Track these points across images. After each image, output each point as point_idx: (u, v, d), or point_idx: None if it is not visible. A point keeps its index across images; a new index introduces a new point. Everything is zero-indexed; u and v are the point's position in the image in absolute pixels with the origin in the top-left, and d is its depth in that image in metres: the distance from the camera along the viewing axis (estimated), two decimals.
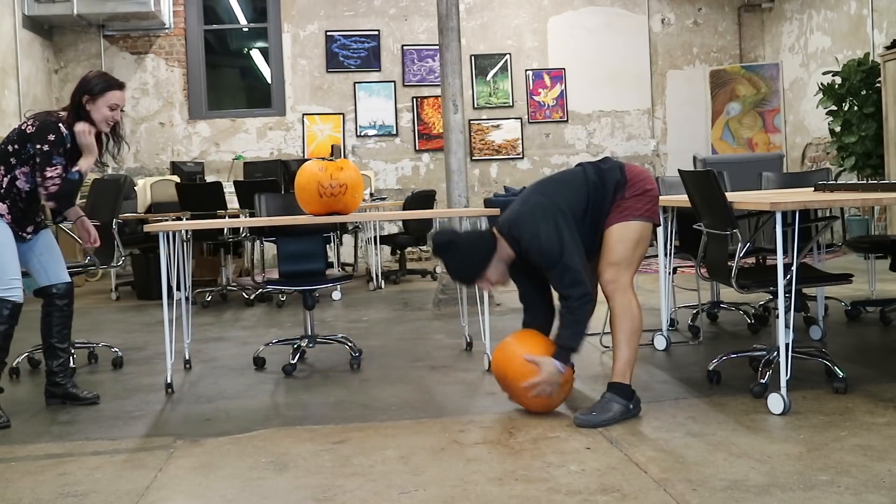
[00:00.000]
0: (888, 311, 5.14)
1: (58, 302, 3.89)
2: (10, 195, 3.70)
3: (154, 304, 7.15)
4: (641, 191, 3.44)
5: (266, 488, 2.74)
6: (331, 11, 10.90)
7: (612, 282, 3.37)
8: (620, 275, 3.37)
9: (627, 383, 3.35)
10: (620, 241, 3.39)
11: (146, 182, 8.29)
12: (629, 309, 3.36)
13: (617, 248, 3.39)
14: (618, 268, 3.38)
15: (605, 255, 3.41)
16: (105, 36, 10.61)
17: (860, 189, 4.00)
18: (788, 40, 10.92)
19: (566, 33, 11.21)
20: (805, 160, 10.58)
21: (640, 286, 6.55)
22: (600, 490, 2.60)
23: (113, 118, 3.79)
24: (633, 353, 3.36)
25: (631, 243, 3.40)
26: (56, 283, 3.89)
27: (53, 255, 3.94)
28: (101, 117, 3.74)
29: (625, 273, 3.38)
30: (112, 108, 3.75)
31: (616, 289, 3.36)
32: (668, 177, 6.09)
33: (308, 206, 4.38)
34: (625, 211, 3.41)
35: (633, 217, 3.40)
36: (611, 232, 3.42)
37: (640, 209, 3.42)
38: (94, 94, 3.71)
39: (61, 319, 3.91)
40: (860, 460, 2.75)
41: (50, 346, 3.91)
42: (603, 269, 3.41)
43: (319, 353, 4.84)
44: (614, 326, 3.38)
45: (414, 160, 11.06)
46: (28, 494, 2.76)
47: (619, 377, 3.35)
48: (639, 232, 3.41)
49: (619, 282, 3.37)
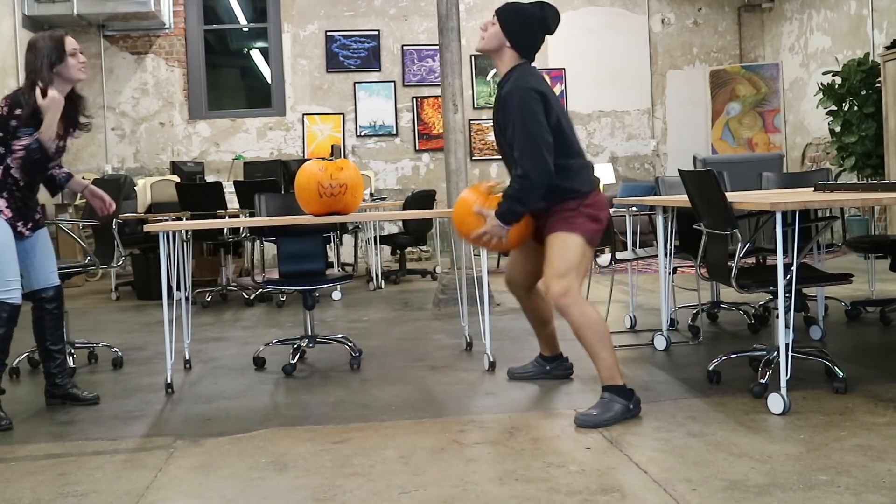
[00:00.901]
0: (888, 311, 5.14)
1: (47, 306, 3.86)
2: (7, 185, 3.64)
3: (154, 304, 7.16)
4: (595, 216, 3.45)
5: (266, 488, 2.74)
6: (331, 11, 10.91)
7: (561, 295, 3.35)
8: (568, 286, 3.36)
9: (622, 383, 3.35)
10: (567, 250, 3.39)
11: (146, 182, 8.28)
12: (587, 318, 3.34)
13: (564, 255, 3.38)
14: (565, 279, 3.36)
15: (552, 263, 3.40)
16: (105, 36, 10.61)
17: (860, 189, 4.00)
18: (788, 40, 10.92)
19: (566, 33, 11.16)
20: (805, 160, 10.58)
21: (639, 286, 6.58)
22: (600, 490, 2.60)
23: (85, 63, 3.76)
24: (611, 356, 3.36)
25: (576, 256, 3.40)
26: (45, 288, 3.85)
27: (47, 257, 3.89)
28: (75, 69, 3.71)
29: (572, 283, 3.37)
30: (73, 54, 3.71)
31: (569, 303, 3.35)
32: (668, 177, 6.09)
33: (308, 206, 4.38)
34: (574, 224, 3.41)
35: (580, 233, 3.41)
36: (556, 238, 3.41)
37: (588, 230, 3.43)
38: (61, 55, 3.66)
39: (52, 322, 3.88)
40: (860, 460, 2.75)
41: (45, 348, 3.90)
42: (550, 281, 3.40)
43: (319, 353, 4.85)
44: (581, 339, 3.37)
45: (414, 160, 11.06)
46: (28, 494, 2.76)
47: (610, 381, 3.35)
48: (583, 247, 3.42)
49: (568, 293, 3.35)
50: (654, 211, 4.69)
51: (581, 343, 3.39)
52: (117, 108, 10.70)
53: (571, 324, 3.38)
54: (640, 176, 11.31)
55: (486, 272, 4.46)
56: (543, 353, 4.05)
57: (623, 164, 11.37)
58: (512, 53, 3.51)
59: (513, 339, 5.03)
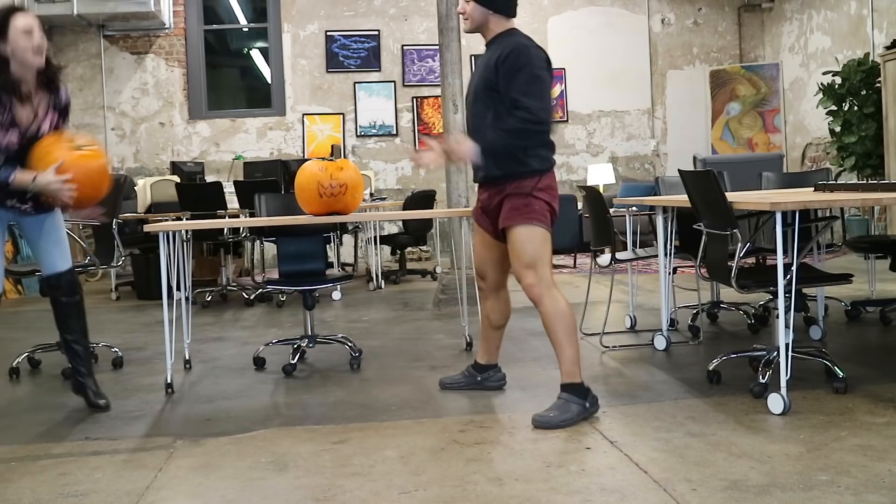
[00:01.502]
0: (888, 311, 5.14)
1: (55, 293, 3.71)
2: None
3: (154, 304, 7.15)
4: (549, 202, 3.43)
5: (266, 488, 2.74)
6: (331, 11, 10.91)
7: (535, 285, 3.36)
8: (540, 275, 3.36)
9: (580, 381, 3.34)
10: (530, 241, 3.38)
11: (146, 182, 8.29)
12: (559, 308, 3.34)
13: (527, 248, 3.38)
14: (535, 269, 3.36)
15: (518, 256, 3.39)
16: (105, 36, 10.61)
17: (860, 189, 4.00)
18: (788, 40, 10.92)
19: (566, 33, 11.21)
20: (805, 160, 10.58)
21: (639, 286, 6.59)
22: (600, 490, 2.60)
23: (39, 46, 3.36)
24: (575, 351, 3.36)
25: (539, 244, 3.39)
26: (51, 274, 3.69)
27: (53, 242, 3.69)
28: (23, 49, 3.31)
29: (543, 272, 3.37)
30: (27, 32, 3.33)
31: (541, 291, 3.35)
32: (668, 177, 6.09)
33: (308, 206, 4.38)
34: (530, 216, 3.38)
35: (538, 223, 3.40)
36: (517, 232, 3.39)
37: (545, 219, 3.42)
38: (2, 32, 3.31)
39: (62, 311, 3.73)
40: (860, 460, 2.75)
41: (62, 338, 3.80)
42: (520, 273, 3.39)
43: (319, 353, 4.84)
44: (550, 329, 3.36)
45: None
46: (28, 494, 2.76)
47: (569, 377, 3.35)
48: (544, 234, 3.41)
49: (541, 283, 3.36)
50: (654, 211, 4.69)
51: (548, 333, 3.39)
52: (117, 108, 10.70)
53: (543, 313, 3.37)
54: (640, 176, 11.31)
55: None
56: (479, 361, 3.91)
57: (623, 164, 11.37)
58: (497, 19, 3.50)
59: (513, 339, 5.03)
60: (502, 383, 3.91)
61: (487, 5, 3.47)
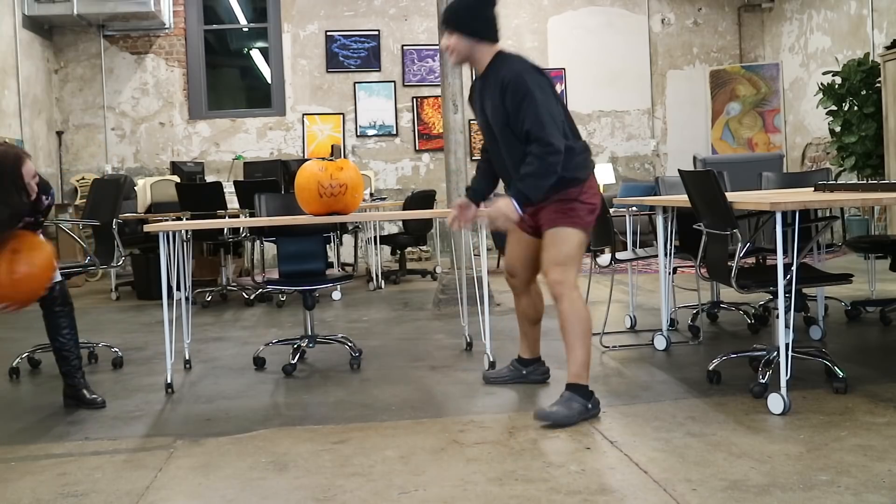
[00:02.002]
0: (888, 311, 5.14)
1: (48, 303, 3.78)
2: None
3: (154, 304, 7.15)
4: (593, 208, 3.48)
5: (266, 488, 2.74)
6: (331, 11, 10.91)
7: (559, 282, 3.39)
8: (567, 275, 3.39)
9: (586, 384, 3.37)
10: (566, 243, 3.41)
11: (146, 182, 8.29)
12: (578, 310, 3.37)
13: (563, 248, 3.41)
14: (564, 268, 3.40)
15: (551, 253, 3.43)
16: (105, 36, 10.61)
17: (860, 189, 4.00)
18: (788, 40, 10.92)
19: (566, 33, 11.21)
20: (805, 160, 10.58)
21: (639, 286, 6.58)
22: (600, 490, 2.60)
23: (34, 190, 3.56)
24: (587, 354, 3.38)
25: (575, 247, 3.43)
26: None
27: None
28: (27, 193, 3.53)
29: (570, 273, 3.41)
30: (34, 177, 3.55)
31: (564, 291, 3.38)
32: (668, 177, 6.08)
33: (308, 206, 4.38)
34: (574, 219, 3.42)
35: (580, 227, 3.43)
36: (557, 231, 3.43)
37: (588, 224, 3.46)
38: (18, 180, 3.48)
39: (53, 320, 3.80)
40: (860, 460, 2.75)
41: (53, 348, 3.86)
42: (549, 268, 3.43)
43: (319, 353, 4.85)
44: (565, 329, 3.39)
45: (414, 160, 11.06)
46: (28, 494, 2.76)
47: (576, 379, 3.37)
48: (582, 240, 3.45)
49: (566, 282, 3.39)
50: (654, 211, 4.69)
51: (563, 334, 3.41)
52: (117, 108, 10.70)
53: (561, 311, 3.40)
54: (640, 176, 11.31)
55: (486, 272, 4.47)
56: (522, 356, 3.99)
57: (623, 164, 11.38)
58: (482, 47, 3.51)
59: (513, 339, 5.02)
60: (546, 376, 3.98)
61: (471, 35, 3.48)
